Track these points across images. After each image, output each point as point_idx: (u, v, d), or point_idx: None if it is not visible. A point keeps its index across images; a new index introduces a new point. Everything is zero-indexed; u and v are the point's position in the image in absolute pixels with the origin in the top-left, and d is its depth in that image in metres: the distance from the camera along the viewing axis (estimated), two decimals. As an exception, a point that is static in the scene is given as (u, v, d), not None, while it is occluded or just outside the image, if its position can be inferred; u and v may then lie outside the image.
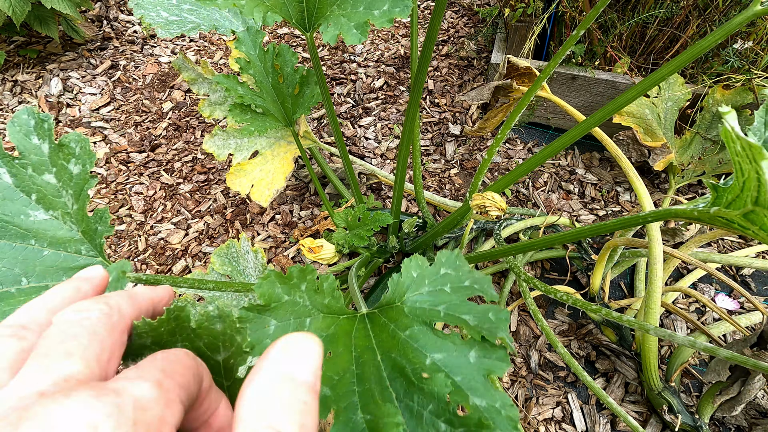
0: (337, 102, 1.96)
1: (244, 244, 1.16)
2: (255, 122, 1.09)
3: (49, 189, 0.66)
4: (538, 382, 1.18)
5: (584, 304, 0.93)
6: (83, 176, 0.66)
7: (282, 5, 0.78)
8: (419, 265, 0.51)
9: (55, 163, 0.66)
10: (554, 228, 1.37)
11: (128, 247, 1.49)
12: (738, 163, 0.40)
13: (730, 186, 0.44)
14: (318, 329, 0.47)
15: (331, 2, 0.75)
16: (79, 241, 0.67)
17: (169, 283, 0.72)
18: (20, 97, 1.96)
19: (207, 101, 1.40)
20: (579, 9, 1.51)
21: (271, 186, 1.31)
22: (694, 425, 0.99)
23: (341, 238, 1.03)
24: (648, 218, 0.56)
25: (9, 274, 0.63)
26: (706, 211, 0.47)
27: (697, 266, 0.99)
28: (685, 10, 1.40)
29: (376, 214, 1.04)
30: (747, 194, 0.41)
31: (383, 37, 2.28)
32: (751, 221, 0.43)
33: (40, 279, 0.64)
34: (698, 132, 1.44)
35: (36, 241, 0.65)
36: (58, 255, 0.66)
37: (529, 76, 1.27)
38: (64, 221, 0.67)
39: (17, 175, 0.65)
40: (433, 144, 1.78)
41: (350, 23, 0.69)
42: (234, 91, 1.09)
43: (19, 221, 0.65)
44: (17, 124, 0.65)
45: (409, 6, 0.67)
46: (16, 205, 0.65)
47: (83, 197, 0.66)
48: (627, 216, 0.59)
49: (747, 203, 0.41)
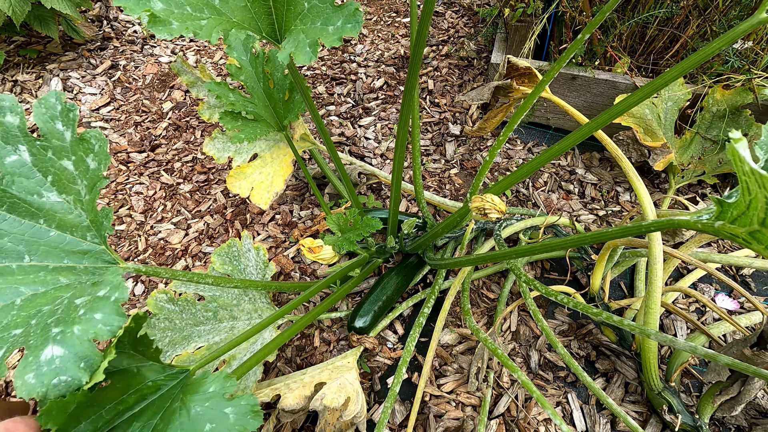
0: (337, 102, 1.96)
1: (246, 242, 1.16)
2: (246, 129, 1.09)
3: (66, 174, 0.67)
4: (538, 382, 1.18)
5: (585, 307, 0.93)
6: (97, 173, 0.67)
7: (251, 20, 0.78)
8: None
9: (75, 153, 0.67)
10: (554, 228, 1.38)
11: (128, 246, 1.49)
12: (745, 182, 0.40)
13: (735, 202, 0.43)
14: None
15: (295, 16, 0.76)
16: (87, 227, 0.67)
17: (169, 277, 0.72)
18: (20, 97, 1.96)
19: (206, 104, 1.40)
20: (579, 9, 1.51)
21: (270, 189, 1.31)
22: (694, 425, 0.99)
23: (332, 242, 1.03)
24: (651, 227, 0.55)
25: (13, 250, 0.63)
26: (711, 224, 0.47)
27: (697, 266, 0.99)
28: (685, 10, 1.40)
29: (367, 218, 1.04)
30: (753, 213, 0.41)
31: (383, 37, 2.28)
32: (757, 240, 0.43)
33: (42, 258, 0.64)
34: (698, 132, 1.44)
35: (45, 221, 0.66)
36: (63, 237, 0.66)
37: (529, 76, 1.27)
38: (75, 206, 0.67)
39: (36, 155, 0.66)
40: (433, 144, 1.78)
41: (306, 40, 0.70)
42: (225, 98, 1.08)
43: (31, 200, 0.65)
44: (44, 107, 0.66)
45: (360, 23, 0.68)
46: (30, 184, 0.65)
47: (95, 191, 0.67)
48: (629, 225, 0.59)
49: (753, 222, 0.41)
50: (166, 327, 1.00)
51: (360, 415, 0.98)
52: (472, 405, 1.14)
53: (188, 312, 1.03)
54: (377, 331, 1.23)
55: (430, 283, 1.38)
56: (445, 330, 1.27)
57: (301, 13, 0.75)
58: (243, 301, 1.11)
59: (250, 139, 1.07)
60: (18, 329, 0.54)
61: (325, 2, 0.72)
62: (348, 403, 0.95)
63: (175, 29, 0.67)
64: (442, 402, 1.15)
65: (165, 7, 0.69)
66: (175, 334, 1.00)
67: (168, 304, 1.01)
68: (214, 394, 0.58)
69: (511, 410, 1.13)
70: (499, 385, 1.17)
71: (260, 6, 0.78)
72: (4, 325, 0.54)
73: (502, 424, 1.11)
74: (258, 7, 0.78)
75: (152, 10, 0.67)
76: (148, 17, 0.66)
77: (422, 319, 1.19)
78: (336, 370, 1.03)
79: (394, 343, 1.27)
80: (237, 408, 0.55)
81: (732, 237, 0.46)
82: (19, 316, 0.56)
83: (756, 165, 0.37)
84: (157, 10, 0.68)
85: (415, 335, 1.15)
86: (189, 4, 0.71)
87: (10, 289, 0.59)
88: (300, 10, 0.75)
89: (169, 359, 0.98)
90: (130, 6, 0.67)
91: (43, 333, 0.52)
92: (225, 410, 0.55)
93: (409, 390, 1.18)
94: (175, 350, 0.99)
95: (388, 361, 1.23)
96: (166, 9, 0.69)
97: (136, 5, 0.67)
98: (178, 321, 1.01)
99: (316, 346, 1.26)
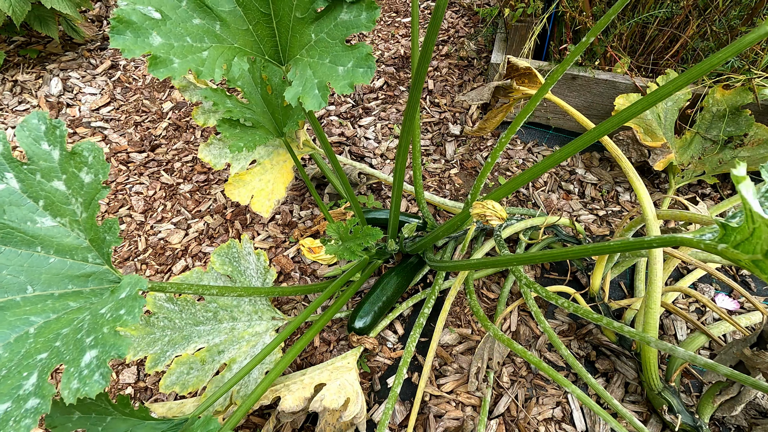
0: (337, 102, 1.96)
1: (246, 246, 1.16)
2: (244, 137, 1.05)
3: (58, 196, 0.65)
4: (538, 382, 1.18)
5: (585, 312, 0.93)
6: (95, 186, 0.65)
7: (253, 43, 0.76)
8: None
9: (66, 171, 0.65)
10: (554, 228, 1.37)
11: (128, 247, 1.49)
12: (749, 210, 0.40)
13: (739, 227, 0.43)
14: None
15: (301, 45, 0.74)
16: (87, 249, 0.66)
17: (175, 291, 0.72)
18: (20, 97, 1.95)
19: (201, 109, 1.37)
20: (579, 9, 1.51)
21: (271, 196, 1.29)
22: (694, 425, 0.99)
23: (333, 251, 1.02)
24: (653, 243, 0.54)
25: (14, 282, 0.62)
26: (714, 245, 0.46)
27: (697, 266, 0.99)
28: (685, 10, 1.40)
29: (367, 228, 1.02)
30: (757, 242, 0.41)
31: (383, 37, 2.28)
32: (760, 268, 0.43)
33: (46, 287, 0.63)
34: (698, 132, 1.44)
35: (42, 248, 0.65)
36: (64, 263, 0.65)
37: (529, 76, 1.27)
38: (71, 229, 0.66)
39: (25, 181, 0.64)
40: (433, 144, 1.78)
41: (314, 80, 0.67)
42: (222, 105, 1.05)
43: (25, 228, 0.64)
44: (27, 129, 0.64)
45: (373, 69, 0.65)
46: (22, 211, 0.64)
47: (93, 206, 0.65)
48: (631, 240, 0.58)
49: (757, 251, 0.42)
50: (166, 326, 1.00)
51: (360, 416, 0.98)
52: (472, 405, 1.14)
53: (188, 312, 1.03)
54: (377, 331, 1.23)
55: (430, 283, 1.38)
56: (445, 330, 1.27)
57: (307, 43, 0.73)
58: (243, 302, 1.11)
59: (249, 147, 1.03)
60: (42, 354, 0.55)
61: (334, 38, 0.70)
62: (348, 404, 0.95)
63: (177, 69, 0.64)
64: (442, 402, 1.15)
65: (164, 41, 0.65)
66: (174, 334, 1.00)
67: (167, 303, 1.01)
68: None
69: (511, 410, 1.13)
70: (499, 385, 1.17)
71: (263, 29, 0.76)
72: (24, 354, 0.55)
73: (502, 424, 1.11)
74: (261, 30, 0.76)
75: (152, 51, 0.64)
76: (149, 61, 0.63)
77: (422, 319, 1.18)
78: (336, 371, 1.03)
79: (394, 344, 1.26)
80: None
81: (735, 261, 0.46)
82: (38, 342, 0.57)
83: (760, 208, 0.38)
84: (156, 47, 0.64)
85: (415, 335, 1.15)
86: (189, 34, 0.69)
87: (20, 321, 0.59)
88: (306, 40, 0.73)
89: (169, 359, 0.98)
90: (129, 47, 0.63)
91: (77, 345, 0.54)
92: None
93: (409, 390, 1.18)
94: (175, 350, 0.99)
95: (388, 361, 1.23)
96: (166, 44, 0.65)
97: (134, 45, 0.63)
98: (178, 320, 1.01)
99: (316, 346, 1.26)
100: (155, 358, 0.97)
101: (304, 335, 1.02)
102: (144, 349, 0.96)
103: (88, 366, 0.52)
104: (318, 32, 0.72)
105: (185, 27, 0.68)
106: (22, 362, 0.54)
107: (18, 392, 0.51)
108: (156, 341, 0.98)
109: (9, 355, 0.55)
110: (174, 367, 0.98)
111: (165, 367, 0.98)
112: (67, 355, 0.54)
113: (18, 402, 0.50)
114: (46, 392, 0.51)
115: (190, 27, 0.69)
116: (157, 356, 0.97)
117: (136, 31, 0.64)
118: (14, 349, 0.56)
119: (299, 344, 0.98)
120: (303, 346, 0.99)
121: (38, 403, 0.50)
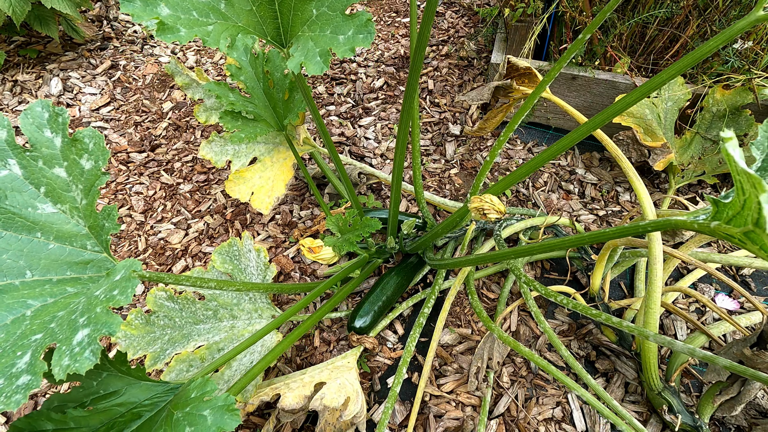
0: (337, 102, 1.96)
1: (247, 243, 1.16)
2: (245, 128, 1.08)
3: (59, 183, 0.66)
4: (538, 382, 1.18)
5: (584, 309, 0.93)
6: (95, 172, 0.66)
7: (256, 24, 0.78)
8: None
9: (67, 158, 0.66)
10: (554, 228, 1.37)
11: (128, 246, 1.49)
12: (739, 182, 0.40)
13: (730, 202, 0.44)
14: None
15: (303, 22, 0.75)
16: (86, 236, 0.67)
17: (172, 282, 0.72)
18: (20, 97, 1.96)
19: (202, 107, 1.38)
20: (579, 9, 1.51)
21: (271, 193, 1.30)
22: (694, 425, 0.99)
23: (332, 243, 1.03)
24: (648, 227, 0.56)
25: (14, 266, 0.63)
26: (707, 224, 0.47)
27: (697, 266, 0.99)
28: (685, 10, 1.40)
29: (366, 219, 1.03)
30: (747, 213, 0.41)
31: (383, 37, 2.28)
32: (751, 240, 0.43)
33: (44, 272, 0.64)
34: (698, 132, 1.44)
35: (42, 234, 0.66)
36: (63, 249, 0.66)
37: (529, 76, 1.27)
38: (71, 215, 0.67)
39: (27, 167, 0.65)
40: (433, 144, 1.78)
41: (315, 49, 0.69)
42: (225, 98, 1.08)
43: (26, 213, 0.65)
44: (30, 116, 0.66)
45: (372, 34, 0.67)
46: (24, 197, 0.65)
47: (93, 193, 0.66)
48: (627, 225, 0.59)
49: (747, 222, 0.42)
50: (166, 325, 1.00)
51: (360, 415, 0.98)
52: (472, 405, 1.14)
53: (188, 310, 1.03)
54: (377, 331, 1.23)
55: (430, 283, 1.38)
56: (445, 330, 1.27)
57: (309, 19, 0.74)
58: (243, 301, 1.11)
59: (250, 138, 1.07)
60: (37, 335, 0.56)
61: (335, 10, 0.71)
62: (348, 403, 0.95)
63: (183, 36, 0.67)
64: (442, 402, 1.15)
65: (172, 12, 0.69)
66: (174, 332, 1.00)
67: (168, 302, 1.01)
68: (194, 398, 0.60)
69: (511, 410, 1.13)
70: (499, 385, 1.17)
71: (266, 10, 0.77)
72: (20, 335, 0.57)
73: (502, 424, 1.11)
74: (264, 11, 0.77)
75: (159, 17, 0.67)
76: (157, 25, 0.66)
77: (422, 319, 1.18)
78: (336, 370, 1.03)
79: (394, 343, 1.26)
80: (214, 409, 0.57)
81: (728, 237, 0.46)
82: (34, 324, 0.58)
83: (746, 165, 0.38)
84: (164, 16, 0.67)
85: (415, 335, 1.15)
86: (195, 9, 0.71)
87: (17, 303, 0.60)
88: (308, 16, 0.74)
89: (169, 357, 0.98)
90: (137, 13, 0.66)
91: (71, 325, 0.55)
92: (203, 412, 0.57)
93: (409, 390, 1.18)
94: (175, 348, 0.99)
95: (388, 361, 1.22)
96: (173, 15, 0.68)
97: (143, 12, 0.66)
98: (178, 319, 1.01)
99: (316, 346, 1.26)
100: (155, 357, 0.97)
101: (310, 317, 1.02)
102: (144, 348, 0.96)
103: (80, 344, 0.53)
104: (319, 6, 0.73)
105: (192, 1, 0.71)
106: (17, 342, 0.55)
107: (11, 370, 0.52)
108: (156, 340, 0.98)
109: (5, 336, 0.56)
110: (173, 364, 0.98)
111: (164, 365, 0.98)
112: (60, 334, 0.55)
113: (10, 379, 0.51)
114: (38, 369, 0.52)
115: (197, 2, 0.72)
116: (156, 354, 0.97)
117: (146, 0, 0.67)
118: (10, 330, 0.57)
119: (302, 327, 0.99)
120: (308, 328, 0.99)
121: (29, 379, 0.51)
